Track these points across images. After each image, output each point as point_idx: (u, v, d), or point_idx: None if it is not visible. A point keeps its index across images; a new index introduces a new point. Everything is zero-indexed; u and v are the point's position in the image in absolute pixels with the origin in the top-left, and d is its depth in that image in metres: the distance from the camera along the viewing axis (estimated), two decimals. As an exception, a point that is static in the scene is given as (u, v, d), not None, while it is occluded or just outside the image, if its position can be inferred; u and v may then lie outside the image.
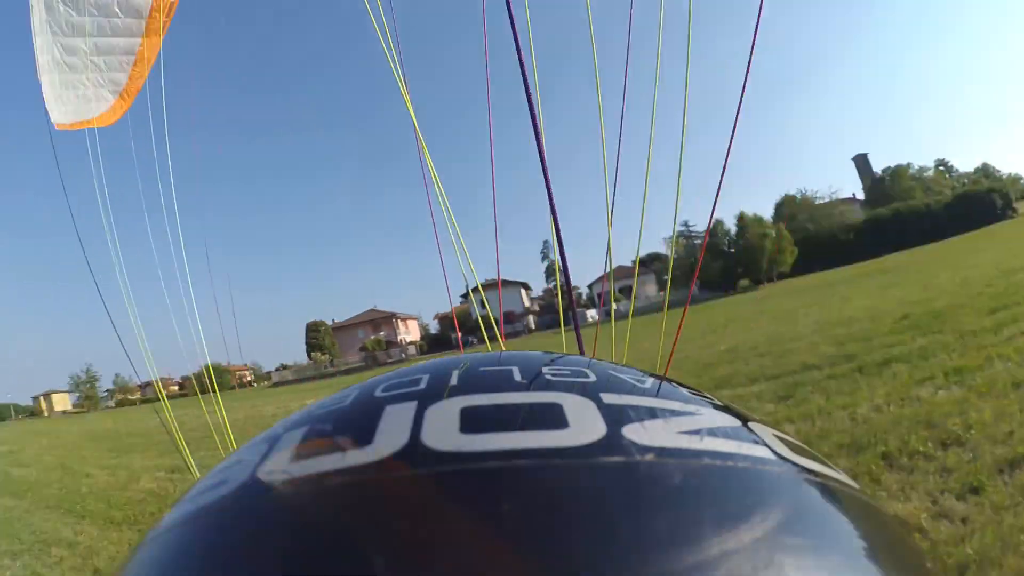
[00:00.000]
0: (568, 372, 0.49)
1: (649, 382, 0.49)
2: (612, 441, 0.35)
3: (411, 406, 0.41)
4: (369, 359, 48.00)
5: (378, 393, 0.48)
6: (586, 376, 0.48)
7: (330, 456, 0.37)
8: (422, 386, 0.47)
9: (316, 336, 54.52)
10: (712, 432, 0.39)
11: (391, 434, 0.37)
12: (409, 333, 57.04)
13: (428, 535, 0.29)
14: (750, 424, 0.43)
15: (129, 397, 65.54)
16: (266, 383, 53.44)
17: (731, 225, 44.12)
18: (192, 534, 0.36)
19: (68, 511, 6.68)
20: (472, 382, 0.49)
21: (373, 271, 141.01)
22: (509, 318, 44.64)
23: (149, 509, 6.04)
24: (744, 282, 43.07)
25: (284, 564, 0.30)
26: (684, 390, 0.49)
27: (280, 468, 0.37)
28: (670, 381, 0.52)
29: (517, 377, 0.48)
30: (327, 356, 52.95)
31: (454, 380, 0.49)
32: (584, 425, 0.36)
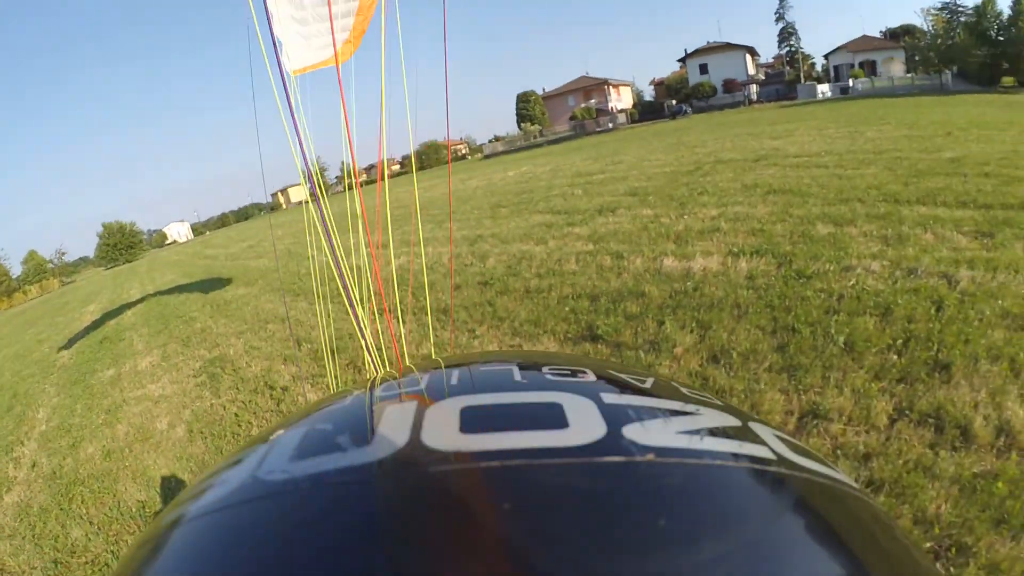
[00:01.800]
0: (568, 372, 0.48)
1: (649, 382, 0.48)
2: (612, 441, 0.34)
3: (411, 406, 0.41)
4: (577, 127, 44.45)
5: (378, 392, 0.48)
6: (586, 376, 0.47)
7: (330, 456, 0.36)
8: (422, 386, 0.47)
9: (526, 106, 51.20)
10: (712, 432, 0.38)
11: (391, 434, 0.36)
12: (621, 101, 51.85)
13: (427, 534, 0.29)
14: (750, 424, 0.42)
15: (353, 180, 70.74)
16: (479, 156, 51.64)
17: (1006, 6, 31.20)
18: (193, 533, 0.36)
19: (287, 291, 7.34)
20: (472, 382, 0.48)
21: (584, 33, 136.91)
22: (729, 87, 40.62)
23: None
24: (1008, 80, 31.72)
25: (284, 563, 0.29)
26: (684, 390, 0.48)
27: (280, 468, 0.36)
28: (670, 381, 0.51)
29: (517, 377, 0.47)
30: (536, 126, 49.66)
31: (454, 380, 0.48)
32: (584, 425, 0.35)
